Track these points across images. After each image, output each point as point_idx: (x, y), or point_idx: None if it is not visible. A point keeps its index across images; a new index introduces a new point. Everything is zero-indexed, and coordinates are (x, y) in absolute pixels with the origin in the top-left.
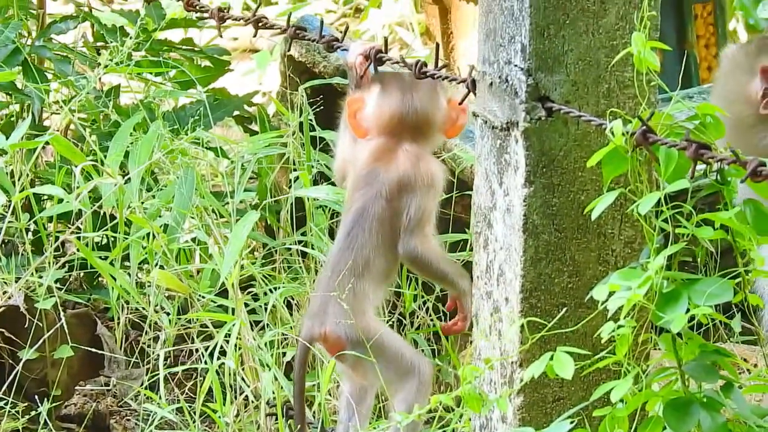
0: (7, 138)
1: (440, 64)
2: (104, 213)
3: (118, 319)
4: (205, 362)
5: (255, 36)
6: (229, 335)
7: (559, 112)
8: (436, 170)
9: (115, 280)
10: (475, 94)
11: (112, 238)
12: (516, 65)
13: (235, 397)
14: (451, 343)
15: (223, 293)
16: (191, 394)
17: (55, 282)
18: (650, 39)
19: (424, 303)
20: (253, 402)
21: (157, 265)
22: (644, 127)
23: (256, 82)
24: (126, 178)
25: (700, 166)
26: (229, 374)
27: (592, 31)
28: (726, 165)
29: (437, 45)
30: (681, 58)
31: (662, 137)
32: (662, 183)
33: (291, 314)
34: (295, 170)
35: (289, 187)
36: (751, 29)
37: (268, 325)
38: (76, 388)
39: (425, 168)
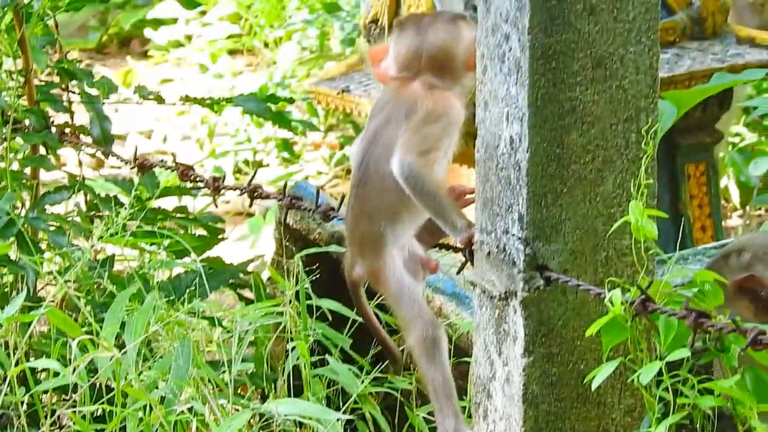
0: (1, 310)
1: None
2: (101, 384)
3: None
4: None
5: (250, 206)
6: None
7: (557, 281)
8: (452, 103)
9: None
10: (473, 264)
11: (109, 410)
12: (514, 234)
13: None
14: None
15: None
16: None
17: None
18: (648, 207)
19: None
20: None
21: None
22: (643, 296)
23: (250, 246)
24: (123, 352)
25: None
26: None
27: (590, 199)
28: (726, 332)
29: None
30: (675, 218)
31: (661, 306)
32: (662, 351)
33: None
34: (291, 340)
35: (286, 357)
36: (743, 186)
37: None
38: None
39: (439, 96)
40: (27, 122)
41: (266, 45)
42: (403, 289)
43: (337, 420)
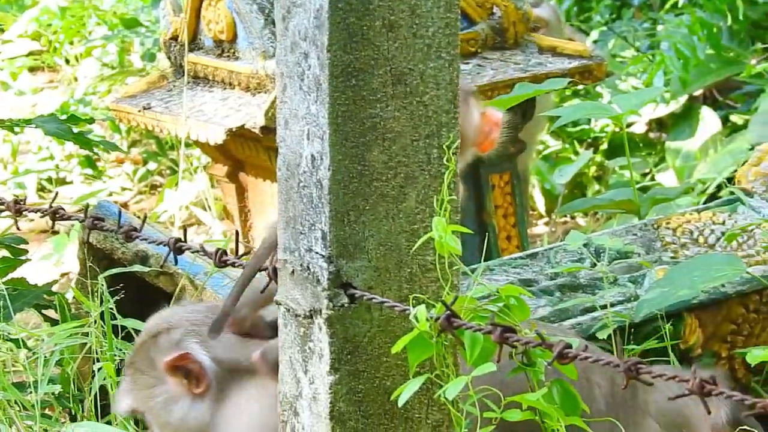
0: None
1: (242, 250)
2: None
3: None
4: None
5: (52, 228)
6: None
7: (362, 299)
8: None
9: None
10: (276, 282)
11: None
12: (317, 252)
13: None
14: None
15: None
16: None
17: None
18: (451, 222)
19: None
20: None
21: None
22: (448, 312)
23: (54, 264)
24: None
25: None
26: None
27: (393, 215)
28: (532, 347)
29: (237, 232)
30: (480, 229)
31: (467, 321)
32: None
33: None
34: (97, 360)
35: (93, 377)
36: (548, 194)
37: None
38: None
39: None
40: None
41: (67, 61)
42: None
43: None
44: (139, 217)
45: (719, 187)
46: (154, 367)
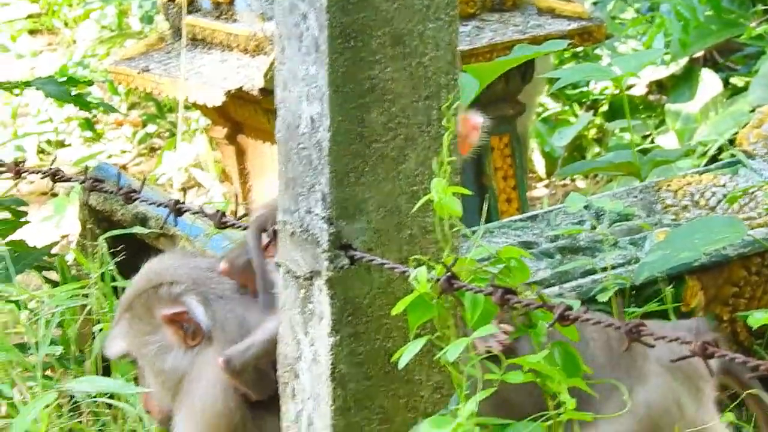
0: None
1: (240, 212)
2: None
3: None
4: None
5: (52, 189)
6: None
7: (362, 260)
8: None
9: None
10: (277, 244)
11: None
12: (317, 214)
13: None
14: None
15: None
16: None
17: None
18: (451, 183)
19: None
20: None
21: None
22: (449, 274)
23: (54, 225)
24: None
25: None
26: None
27: (392, 177)
28: (533, 308)
29: (236, 195)
30: (479, 191)
31: (467, 283)
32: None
33: None
34: (98, 321)
35: (93, 338)
36: (547, 156)
37: None
38: None
39: None
40: None
41: (66, 24)
42: None
43: None
44: (138, 180)
45: (720, 150)
46: (152, 315)
